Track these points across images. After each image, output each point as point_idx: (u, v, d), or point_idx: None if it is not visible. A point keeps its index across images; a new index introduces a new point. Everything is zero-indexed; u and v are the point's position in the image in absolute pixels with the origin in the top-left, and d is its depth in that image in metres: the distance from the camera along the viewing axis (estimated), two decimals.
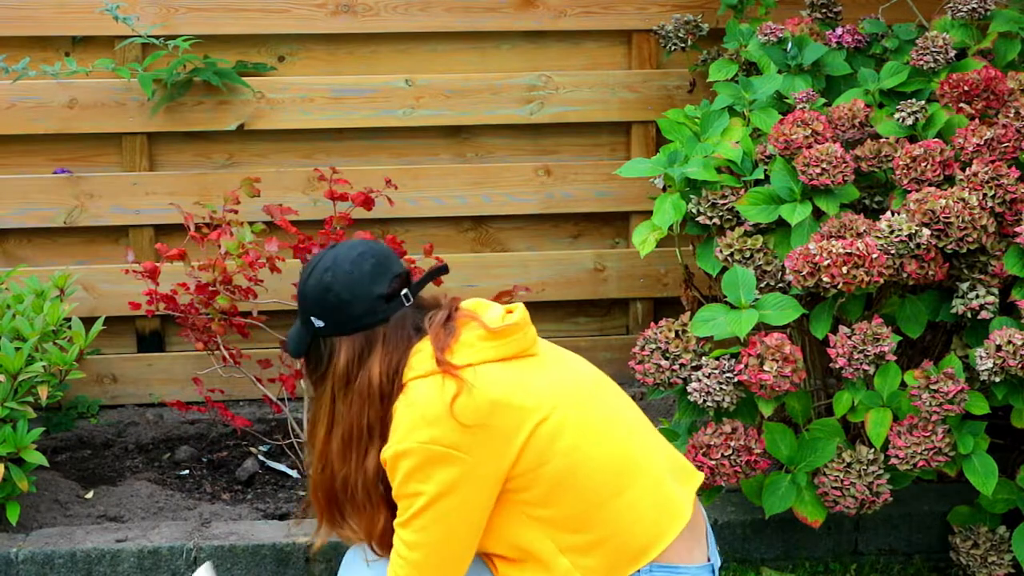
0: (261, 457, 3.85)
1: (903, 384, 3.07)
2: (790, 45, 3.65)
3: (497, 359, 2.36)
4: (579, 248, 4.31)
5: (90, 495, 3.60)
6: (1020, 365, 2.96)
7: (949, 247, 3.08)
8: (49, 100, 4.01)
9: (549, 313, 4.28)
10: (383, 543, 2.43)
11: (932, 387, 3.00)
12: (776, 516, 3.16)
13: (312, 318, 2.39)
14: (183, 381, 4.09)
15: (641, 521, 2.36)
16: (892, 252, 3.04)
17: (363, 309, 2.36)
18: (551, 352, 2.49)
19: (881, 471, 3.06)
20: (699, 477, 2.54)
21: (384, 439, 2.35)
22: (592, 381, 2.47)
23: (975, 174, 3.15)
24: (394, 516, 2.37)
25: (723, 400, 3.06)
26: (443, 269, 2.52)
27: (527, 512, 2.34)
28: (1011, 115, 3.26)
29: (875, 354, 3.03)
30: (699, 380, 3.08)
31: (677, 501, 2.43)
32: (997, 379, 2.99)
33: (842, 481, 3.05)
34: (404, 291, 2.40)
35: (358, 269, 2.37)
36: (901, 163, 3.23)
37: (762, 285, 3.20)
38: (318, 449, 2.43)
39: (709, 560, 2.46)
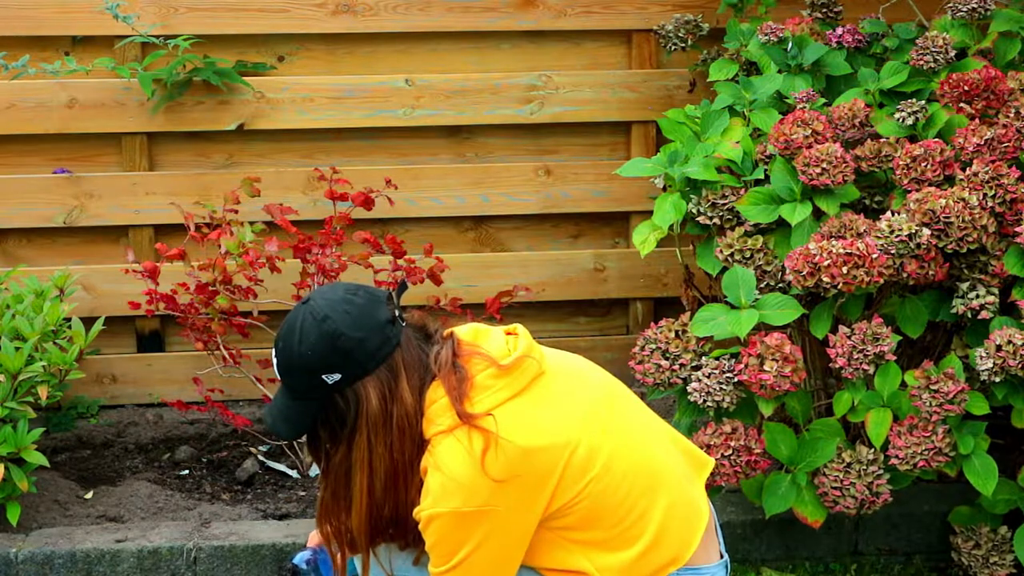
0: (261, 457, 3.85)
1: (903, 384, 3.07)
2: (790, 45, 3.65)
3: (513, 395, 2.30)
4: (579, 248, 4.31)
5: (90, 495, 3.60)
6: (1020, 365, 2.96)
7: (949, 247, 3.08)
8: (49, 100, 4.02)
9: (549, 313, 4.28)
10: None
11: (932, 387, 3.00)
12: (776, 516, 3.16)
13: (324, 377, 2.26)
14: (183, 381, 4.09)
15: (671, 531, 2.36)
16: (892, 252, 3.04)
17: (378, 341, 2.27)
18: (559, 365, 2.42)
19: (881, 471, 3.06)
20: (709, 464, 2.54)
21: (421, 457, 2.30)
22: (605, 391, 2.43)
23: (975, 174, 3.15)
24: None
25: (723, 400, 3.06)
26: (404, 286, 2.44)
27: (565, 536, 2.33)
28: (1011, 115, 3.26)
29: (875, 354, 3.03)
30: (699, 380, 3.08)
31: (697, 501, 2.43)
32: (997, 379, 2.99)
33: (842, 481, 3.05)
34: (396, 311, 2.34)
35: (354, 306, 2.28)
36: (901, 163, 3.23)
37: (762, 285, 3.20)
38: (362, 502, 2.31)
39: (722, 557, 2.47)
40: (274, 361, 2.32)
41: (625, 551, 2.32)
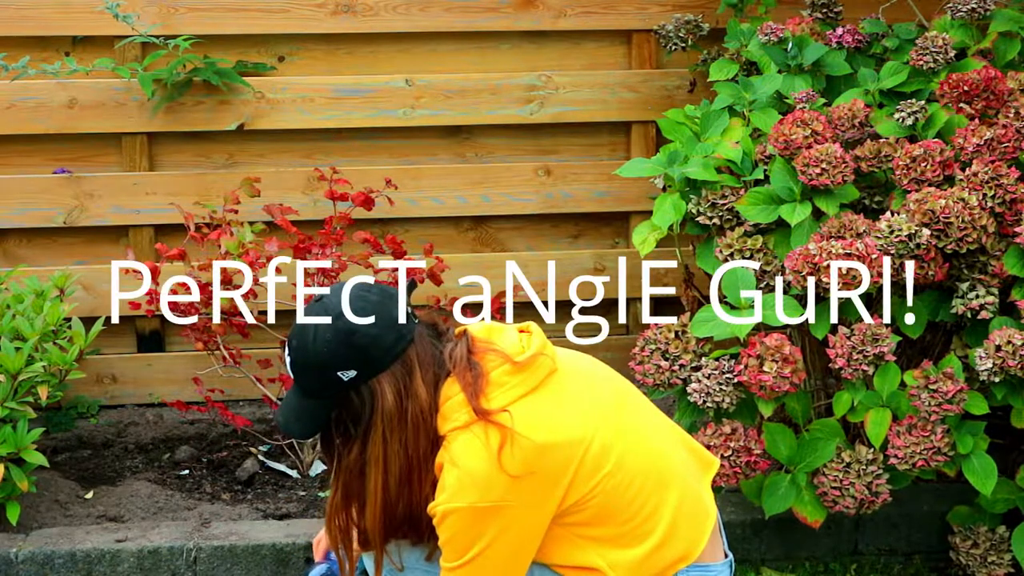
0: (261, 457, 3.85)
1: (903, 384, 3.07)
2: (790, 45, 3.65)
3: (528, 392, 2.30)
4: (579, 248, 4.31)
5: (90, 495, 3.60)
6: (1019, 365, 2.96)
7: (949, 247, 3.08)
8: (49, 100, 4.02)
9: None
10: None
11: (931, 387, 3.00)
12: (776, 516, 3.16)
13: (339, 374, 2.26)
14: (183, 381, 4.09)
15: (681, 528, 2.37)
16: (892, 252, 3.04)
17: (392, 337, 2.27)
18: (570, 364, 2.43)
19: (880, 471, 3.06)
20: (715, 464, 2.55)
21: (435, 454, 2.30)
22: (616, 389, 2.44)
23: (975, 174, 3.15)
24: None
25: (723, 401, 3.06)
26: (413, 284, 2.45)
27: (577, 532, 2.34)
28: (1011, 115, 3.26)
29: (875, 354, 3.03)
30: (699, 381, 3.08)
31: (704, 500, 2.45)
32: (996, 379, 2.99)
33: (841, 481, 3.05)
34: (409, 308, 2.34)
35: (368, 302, 2.29)
36: (901, 163, 3.23)
37: (762, 285, 3.20)
38: (377, 500, 2.31)
39: (727, 556, 2.49)
40: (287, 360, 2.32)
41: (636, 547, 2.34)
